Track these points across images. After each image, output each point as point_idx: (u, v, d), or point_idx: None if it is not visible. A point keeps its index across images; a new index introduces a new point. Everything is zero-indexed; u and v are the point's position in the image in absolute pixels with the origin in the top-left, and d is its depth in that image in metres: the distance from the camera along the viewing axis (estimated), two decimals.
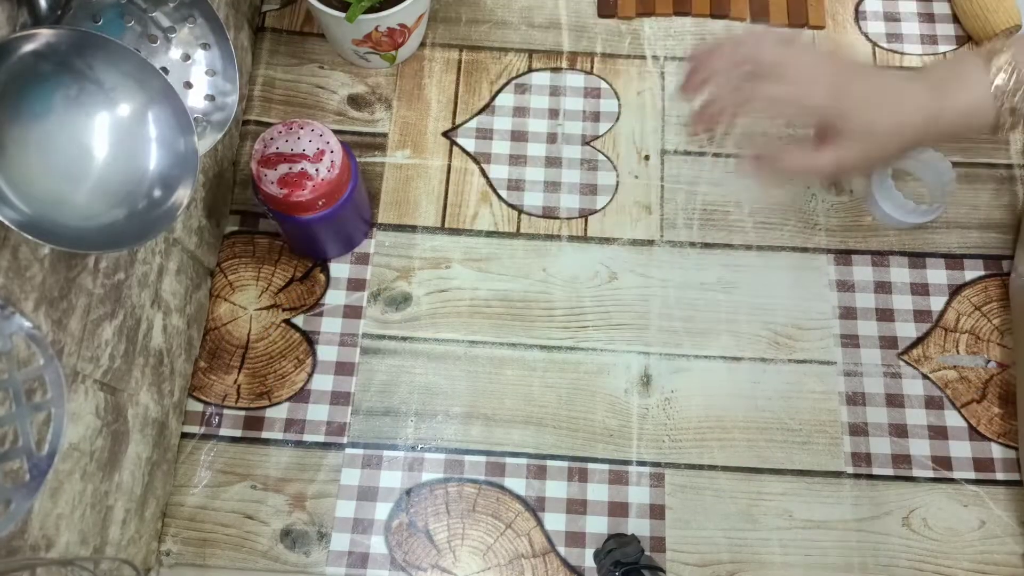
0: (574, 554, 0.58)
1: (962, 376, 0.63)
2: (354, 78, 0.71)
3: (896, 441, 0.61)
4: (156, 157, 0.43)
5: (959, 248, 0.66)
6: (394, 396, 0.62)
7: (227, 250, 0.66)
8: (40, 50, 0.37)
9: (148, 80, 0.41)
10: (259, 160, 0.55)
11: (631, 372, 0.63)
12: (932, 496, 0.60)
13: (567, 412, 0.62)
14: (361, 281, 0.65)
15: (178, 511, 0.59)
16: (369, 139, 0.69)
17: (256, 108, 0.70)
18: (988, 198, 0.68)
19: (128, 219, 0.41)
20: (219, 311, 0.64)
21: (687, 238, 0.66)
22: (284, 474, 0.60)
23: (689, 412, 0.62)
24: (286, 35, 0.72)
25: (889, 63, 0.72)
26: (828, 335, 0.64)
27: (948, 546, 0.59)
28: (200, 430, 0.61)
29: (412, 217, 0.67)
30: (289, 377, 0.62)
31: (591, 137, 0.69)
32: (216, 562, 0.58)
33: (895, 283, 0.65)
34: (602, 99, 0.70)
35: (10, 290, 0.39)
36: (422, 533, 0.59)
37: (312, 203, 0.56)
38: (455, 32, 0.73)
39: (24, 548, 0.42)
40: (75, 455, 0.46)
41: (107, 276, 0.49)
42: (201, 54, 0.49)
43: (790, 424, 0.61)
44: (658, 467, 0.60)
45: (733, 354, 0.63)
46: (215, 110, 0.50)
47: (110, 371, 0.50)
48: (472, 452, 0.61)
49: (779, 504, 0.60)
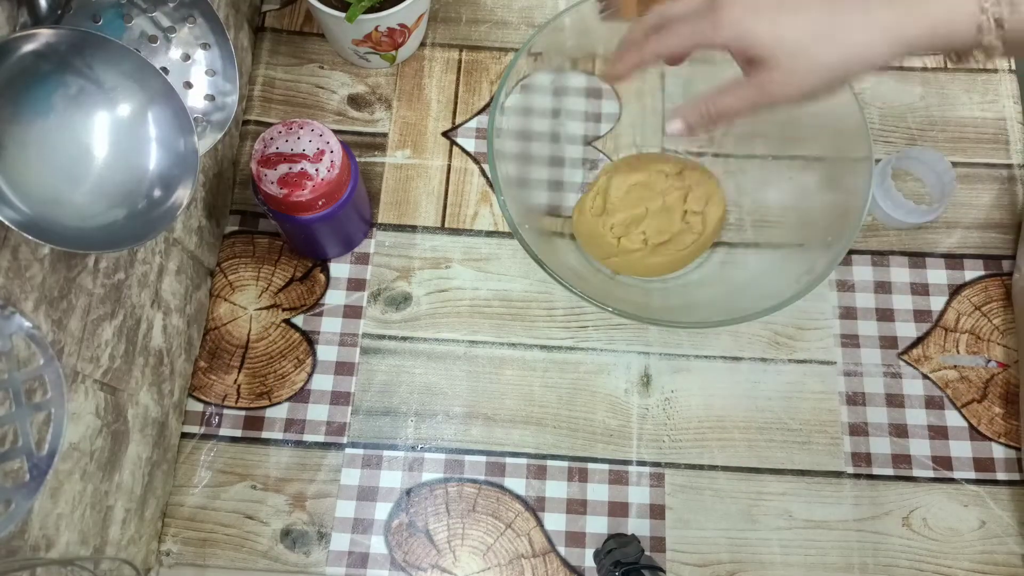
0: (574, 554, 0.58)
1: (962, 376, 0.63)
2: (354, 78, 0.71)
3: (896, 441, 0.61)
4: (156, 157, 0.43)
5: (959, 248, 0.66)
6: (394, 396, 0.62)
7: (227, 250, 0.66)
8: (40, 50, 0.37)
9: (148, 80, 0.41)
10: (259, 160, 0.55)
11: (631, 372, 0.63)
12: (932, 496, 0.60)
13: (567, 412, 0.62)
14: (361, 281, 0.65)
15: (178, 511, 0.59)
16: (369, 139, 0.69)
17: (256, 108, 0.70)
18: (988, 198, 0.68)
19: (128, 219, 0.41)
20: (219, 311, 0.64)
21: None
22: (284, 474, 0.60)
23: (689, 412, 0.62)
24: (286, 35, 0.73)
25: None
26: (828, 335, 0.64)
27: (948, 546, 0.59)
28: (200, 430, 0.61)
29: (412, 217, 0.67)
30: (289, 377, 0.62)
31: (592, 137, 0.69)
32: (216, 562, 0.58)
33: (895, 283, 0.65)
34: (603, 99, 0.70)
35: (10, 290, 0.39)
36: (422, 533, 0.59)
37: (312, 203, 0.56)
38: (455, 32, 0.73)
39: (24, 548, 0.42)
40: (75, 455, 0.46)
41: (107, 276, 0.49)
42: (201, 54, 0.49)
43: (790, 424, 0.61)
44: (658, 467, 0.60)
45: (733, 354, 0.63)
46: (215, 110, 0.50)
47: (110, 371, 0.50)
48: (472, 452, 0.61)
49: (779, 504, 0.60)
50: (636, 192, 0.58)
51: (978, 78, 0.72)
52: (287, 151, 0.56)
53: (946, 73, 0.72)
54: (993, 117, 0.70)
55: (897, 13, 0.43)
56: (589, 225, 0.60)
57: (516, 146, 0.64)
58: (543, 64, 0.62)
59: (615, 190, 0.58)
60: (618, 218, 0.59)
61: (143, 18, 0.46)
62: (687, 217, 0.59)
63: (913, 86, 0.71)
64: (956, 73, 0.72)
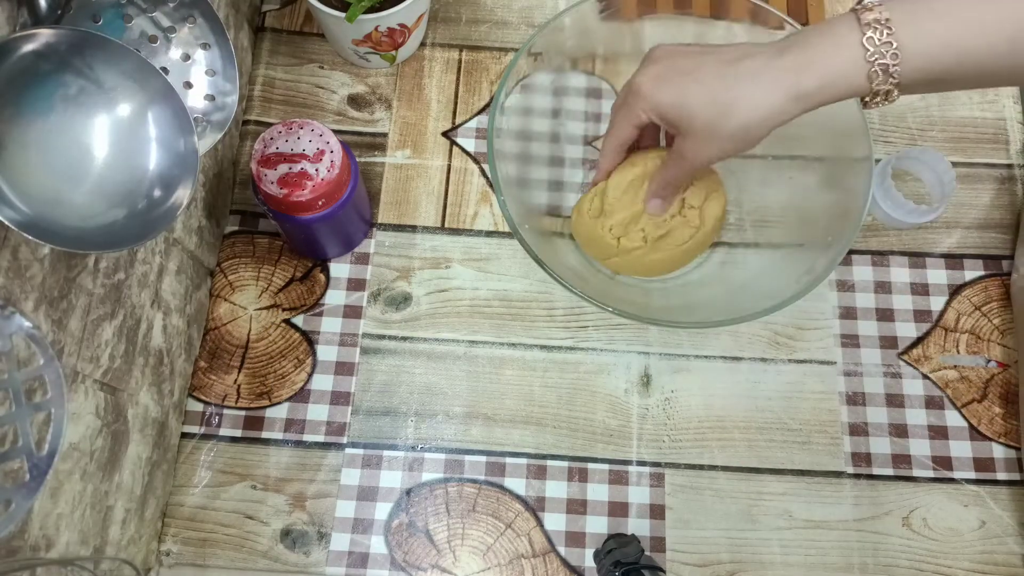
0: (574, 554, 0.58)
1: (962, 376, 0.63)
2: (354, 78, 0.71)
3: (896, 441, 0.61)
4: (156, 157, 0.43)
5: (959, 248, 0.66)
6: (394, 396, 0.62)
7: (227, 250, 0.66)
8: (40, 50, 0.37)
9: (148, 80, 0.41)
10: (259, 160, 0.55)
11: (631, 372, 0.63)
12: (932, 496, 0.60)
13: (567, 412, 0.62)
14: (361, 281, 0.65)
15: (178, 511, 0.59)
16: (369, 139, 0.69)
17: (256, 108, 0.70)
18: (988, 198, 0.68)
19: (128, 219, 0.41)
20: (219, 311, 0.64)
21: None
22: (284, 474, 0.60)
23: (689, 412, 0.62)
24: (286, 35, 0.72)
25: None
26: (828, 335, 0.64)
27: (948, 546, 0.59)
28: (200, 430, 0.61)
29: (412, 217, 0.67)
30: (289, 377, 0.62)
31: (592, 137, 0.69)
32: (216, 562, 0.58)
33: (895, 283, 0.65)
34: (603, 100, 0.70)
35: (10, 290, 0.39)
36: (422, 533, 0.59)
37: (312, 203, 0.56)
38: (455, 32, 0.73)
39: (24, 548, 0.42)
40: (75, 455, 0.46)
41: (107, 276, 0.49)
42: (201, 54, 0.49)
43: (790, 424, 0.61)
44: (658, 467, 0.60)
45: (733, 354, 0.63)
46: (215, 110, 0.50)
47: (110, 371, 0.50)
48: (472, 452, 0.61)
49: (779, 504, 0.60)
50: (634, 188, 0.58)
51: None
52: (287, 151, 0.56)
53: None
54: (993, 117, 0.70)
55: (790, 72, 0.45)
56: (588, 227, 0.60)
57: (516, 146, 0.64)
58: (543, 64, 0.62)
59: (613, 189, 0.58)
60: (616, 219, 0.59)
61: (143, 18, 0.46)
62: (684, 211, 0.59)
63: None
64: None
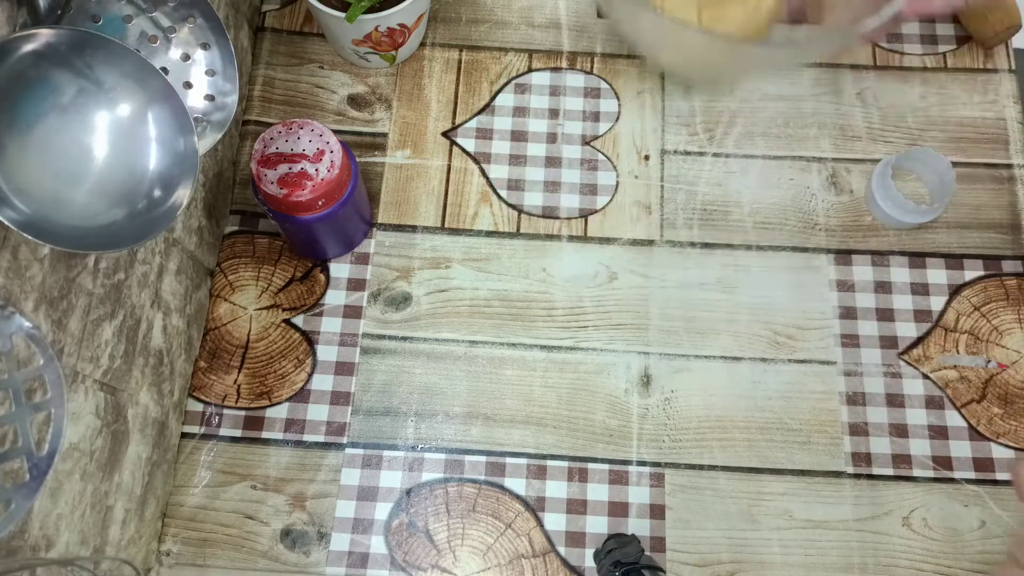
0: (574, 554, 0.58)
1: (962, 376, 0.63)
2: (354, 78, 0.71)
3: (896, 441, 0.61)
4: (156, 157, 0.43)
5: (959, 248, 0.66)
6: (394, 396, 0.62)
7: (227, 250, 0.66)
8: (40, 50, 0.37)
9: (148, 80, 0.41)
10: (259, 160, 0.55)
11: (631, 372, 0.63)
12: (932, 496, 0.60)
13: (567, 412, 0.62)
14: (361, 281, 0.65)
15: (178, 511, 0.59)
16: (369, 139, 0.69)
17: (256, 108, 0.70)
18: (988, 198, 0.68)
19: (128, 219, 0.41)
20: (219, 311, 0.64)
21: (687, 238, 0.66)
22: (284, 474, 0.60)
23: (689, 412, 0.62)
24: (286, 35, 0.72)
25: (889, 63, 0.72)
26: (828, 335, 0.64)
27: (948, 546, 0.59)
28: (200, 430, 0.61)
29: (412, 217, 0.67)
30: (289, 377, 0.62)
31: (591, 137, 0.69)
32: (216, 562, 0.58)
33: (895, 283, 0.65)
34: (602, 99, 0.70)
35: (10, 290, 0.39)
36: (422, 533, 0.59)
37: (312, 203, 0.56)
38: (455, 32, 0.73)
39: (24, 548, 0.42)
40: (75, 455, 0.46)
41: (107, 276, 0.49)
42: (201, 54, 0.49)
43: (790, 424, 0.61)
44: (658, 467, 0.60)
45: (733, 354, 0.63)
46: (215, 110, 0.50)
47: (110, 371, 0.50)
48: (472, 452, 0.61)
49: (779, 504, 0.60)
50: None
51: (978, 78, 0.72)
52: (287, 151, 0.56)
53: (946, 73, 0.72)
54: (993, 117, 0.70)
55: None
56: None
57: None
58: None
59: None
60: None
61: (143, 18, 0.46)
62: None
63: (913, 86, 0.71)
64: (956, 73, 0.72)
